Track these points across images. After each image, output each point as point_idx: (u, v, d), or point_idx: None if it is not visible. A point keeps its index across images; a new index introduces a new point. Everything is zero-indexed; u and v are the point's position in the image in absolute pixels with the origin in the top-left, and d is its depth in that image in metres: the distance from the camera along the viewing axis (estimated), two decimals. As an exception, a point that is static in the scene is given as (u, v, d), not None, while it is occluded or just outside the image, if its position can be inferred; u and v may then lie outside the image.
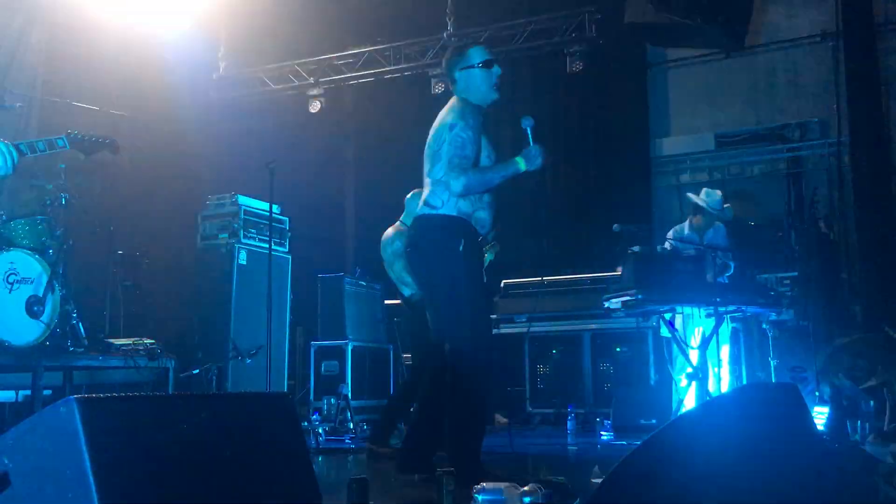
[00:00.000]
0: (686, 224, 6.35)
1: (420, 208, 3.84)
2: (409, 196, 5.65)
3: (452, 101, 3.92)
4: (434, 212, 3.74)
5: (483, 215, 3.83)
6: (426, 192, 3.85)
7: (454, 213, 3.72)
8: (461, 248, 3.66)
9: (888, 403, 5.09)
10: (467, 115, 3.76)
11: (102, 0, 7.74)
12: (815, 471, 2.13)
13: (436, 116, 4.00)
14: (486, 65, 3.93)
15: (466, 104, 3.83)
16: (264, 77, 9.77)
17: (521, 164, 3.76)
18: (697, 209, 6.22)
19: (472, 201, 3.78)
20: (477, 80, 3.92)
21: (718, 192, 6.24)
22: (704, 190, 6.31)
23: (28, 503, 1.69)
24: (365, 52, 9.32)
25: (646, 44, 8.71)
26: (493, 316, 5.32)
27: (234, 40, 9.65)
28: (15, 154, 3.26)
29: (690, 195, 6.30)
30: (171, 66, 8.33)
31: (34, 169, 5.16)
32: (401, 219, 5.60)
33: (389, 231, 5.52)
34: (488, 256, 5.74)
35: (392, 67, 9.28)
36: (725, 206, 6.26)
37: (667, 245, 6.05)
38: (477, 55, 3.94)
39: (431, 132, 3.91)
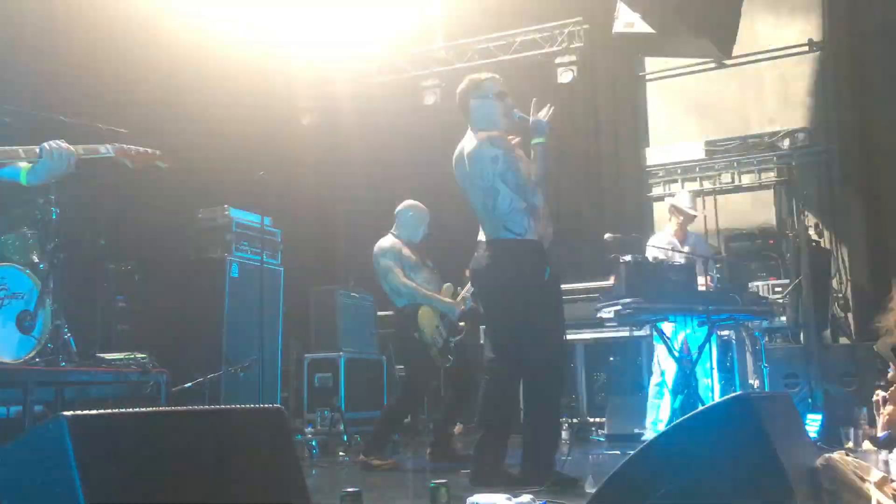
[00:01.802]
0: (665, 233, 6.38)
1: (500, 232, 4.04)
2: (400, 207, 5.66)
3: (479, 135, 4.14)
4: (519, 237, 4.02)
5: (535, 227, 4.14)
6: (501, 222, 4.04)
7: (535, 238, 4.05)
8: (546, 275, 4.02)
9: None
10: (496, 145, 4.07)
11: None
12: (810, 479, 2.14)
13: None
14: (500, 96, 4.23)
15: (489, 137, 4.10)
16: (254, 90, 9.77)
17: (539, 139, 4.09)
18: (675, 212, 6.27)
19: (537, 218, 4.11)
20: (491, 109, 4.19)
21: (688, 192, 6.31)
22: (678, 192, 6.38)
23: (18, 522, 1.68)
24: (356, 63, 9.34)
25: (635, 54, 8.76)
26: (460, 328, 5.53)
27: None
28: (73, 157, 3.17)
29: (668, 199, 6.36)
30: (159, 78, 8.30)
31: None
32: (391, 230, 5.61)
33: (381, 242, 5.52)
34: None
35: (383, 79, 9.29)
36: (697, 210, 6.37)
37: (660, 255, 6.08)
38: (492, 87, 4.25)
39: (465, 166, 4.16)
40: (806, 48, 8.12)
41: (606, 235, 6.08)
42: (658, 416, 5.95)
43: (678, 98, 8.66)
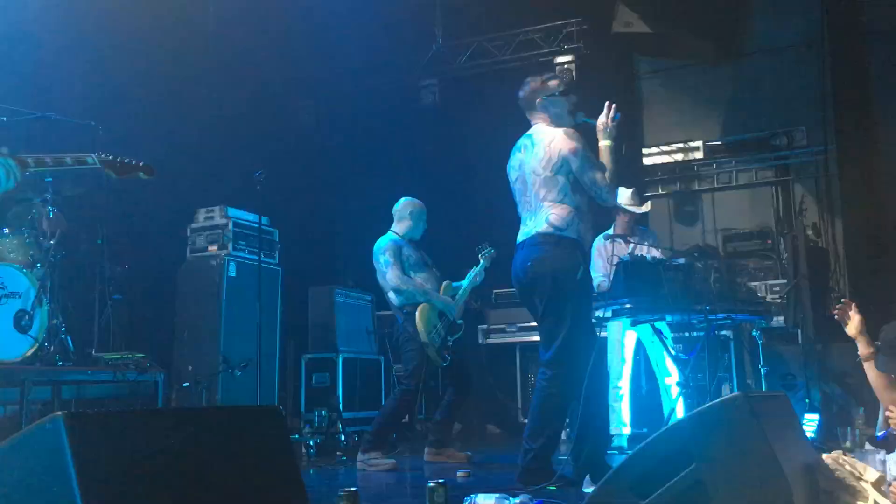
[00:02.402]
0: (612, 231, 6.26)
1: (540, 227, 4.03)
2: (398, 205, 5.66)
3: (558, 130, 4.13)
4: (561, 233, 3.99)
5: (589, 237, 4.21)
6: (545, 214, 4.03)
7: (576, 237, 4.02)
8: (579, 275, 3.96)
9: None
10: (575, 136, 4.07)
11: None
12: (808, 478, 2.14)
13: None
14: (565, 93, 4.30)
15: (566, 130, 4.11)
16: (253, 88, 9.76)
17: (609, 143, 4.15)
18: (618, 211, 6.20)
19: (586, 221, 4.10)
20: (560, 106, 4.25)
21: (628, 190, 6.25)
22: (620, 190, 6.31)
23: (14, 521, 1.67)
24: (354, 62, 9.32)
25: (633, 53, 8.76)
26: (459, 326, 5.52)
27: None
28: (16, 169, 3.12)
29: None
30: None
31: (21, 183, 5.13)
32: (392, 228, 5.60)
33: (382, 240, 5.52)
34: (483, 263, 5.74)
35: (382, 78, 9.28)
36: (644, 206, 6.32)
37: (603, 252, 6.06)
38: (558, 85, 4.33)
39: (537, 158, 4.09)
40: (805, 47, 8.13)
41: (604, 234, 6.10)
42: (621, 419, 5.93)
43: (676, 97, 8.67)
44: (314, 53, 9.45)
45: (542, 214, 4.05)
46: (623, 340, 5.95)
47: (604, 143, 4.15)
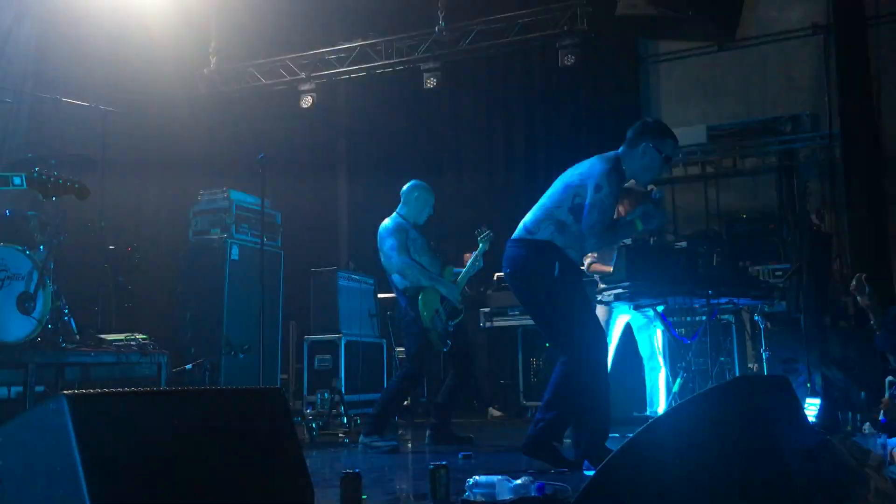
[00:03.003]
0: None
1: (519, 232, 4.12)
2: (406, 187, 5.63)
3: (612, 157, 4.11)
4: (532, 237, 4.05)
5: (574, 255, 4.10)
6: (535, 215, 4.10)
7: (548, 239, 4.01)
8: (556, 272, 3.95)
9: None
10: (613, 182, 3.98)
11: (92, -5, 7.69)
12: (808, 462, 2.14)
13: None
14: (667, 160, 4.15)
15: (618, 168, 4.04)
16: (255, 72, 9.73)
17: (638, 224, 4.04)
18: (626, 193, 6.18)
19: (568, 240, 4.04)
20: (648, 161, 4.07)
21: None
22: None
23: (19, 499, 1.68)
24: (356, 46, 9.28)
25: (638, 37, 8.71)
26: (459, 311, 5.51)
27: (225, 34, 9.59)
28: None
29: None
30: (162, 60, 8.29)
31: (24, 165, 5.12)
32: (398, 210, 5.58)
33: (387, 222, 5.50)
34: (482, 246, 5.73)
35: (384, 62, 9.25)
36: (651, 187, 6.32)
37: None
38: (669, 148, 4.12)
39: (579, 171, 4.12)
40: (810, 31, 8.07)
41: None
42: None
43: (681, 81, 8.63)
44: (314, 38, 9.42)
45: (529, 218, 4.12)
46: (613, 323, 5.97)
47: (634, 220, 4.10)
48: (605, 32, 8.38)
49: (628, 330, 6.05)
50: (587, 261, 6.11)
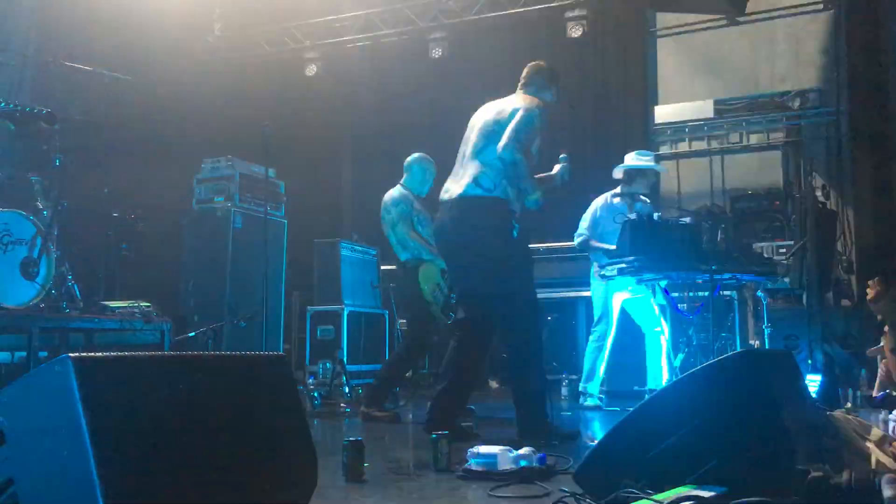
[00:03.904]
0: (611, 195, 6.26)
1: (468, 187, 4.06)
2: (410, 159, 5.61)
3: (528, 97, 4.21)
4: (488, 194, 4.00)
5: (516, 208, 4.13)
6: (473, 171, 4.07)
7: (503, 197, 4.00)
8: (515, 233, 3.98)
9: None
10: (541, 110, 4.12)
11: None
12: (812, 436, 2.14)
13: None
14: (557, 94, 4.42)
15: (541, 102, 4.19)
16: (260, 40, 9.65)
17: (535, 197, 4.09)
18: (636, 174, 6.18)
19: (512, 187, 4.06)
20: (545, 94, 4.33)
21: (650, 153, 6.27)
22: (632, 154, 6.30)
23: (24, 460, 1.69)
24: (362, 14, 9.20)
25: (646, 9, 8.61)
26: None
27: (229, 1, 9.51)
28: None
29: (626, 164, 6.25)
30: (166, 27, 8.22)
31: (29, 129, 5.10)
32: (402, 181, 5.56)
33: (392, 192, 5.48)
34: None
35: (389, 31, 9.16)
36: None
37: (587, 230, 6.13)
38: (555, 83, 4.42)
39: (492, 116, 4.16)
40: (820, 6, 7.98)
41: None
42: (598, 376, 5.99)
43: (689, 55, 8.54)
44: (321, 6, 9.32)
45: (471, 172, 4.06)
46: (610, 301, 5.97)
47: (546, 176, 4.34)
48: (614, 4, 8.29)
49: (625, 308, 6.07)
50: (582, 238, 6.12)
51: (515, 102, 4.17)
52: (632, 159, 6.25)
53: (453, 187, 4.16)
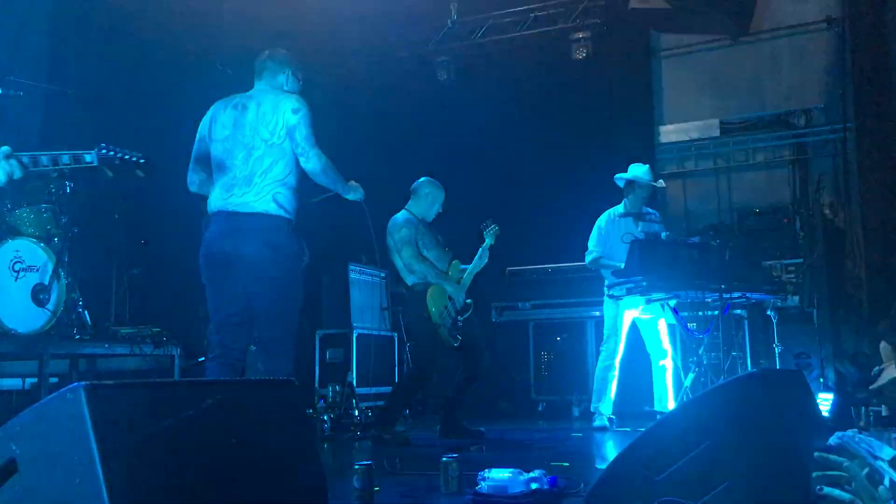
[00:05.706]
0: (614, 211, 6.25)
1: (270, 205, 3.82)
2: (417, 183, 5.64)
3: (285, 95, 4.05)
4: (288, 216, 3.86)
5: None
6: (273, 190, 3.85)
7: (294, 219, 3.89)
8: (306, 260, 4.04)
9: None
10: (305, 102, 3.98)
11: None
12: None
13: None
14: (296, 73, 4.23)
15: (300, 96, 4.06)
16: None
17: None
18: (632, 186, 6.18)
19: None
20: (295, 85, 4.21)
21: (644, 166, 6.27)
22: (631, 165, 6.31)
23: (36, 488, 1.70)
24: (369, 38, 9.26)
25: (651, 30, 8.67)
26: (468, 305, 5.49)
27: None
28: (17, 169, 3.05)
29: (626, 175, 6.25)
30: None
31: (19, 181, 5.13)
32: (407, 206, 5.58)
33: (398, 217, 5.51)
34: (488, 241, 5.71)
35: (396, 54, 9.23)
36: (659, 181, 6.33)
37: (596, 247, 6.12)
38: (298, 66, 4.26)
39: (264, 121, 3.92)
40: (824, 24, 8.02)
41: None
42: (608, 397, 5.97)
43: (693, 75, 8.58)
44: (327, 29, 9.40)
45: (265, 189, 3.82)
46: (620, 319, 5.96)
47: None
48: (618, 26, 8.34)
49: (636, 325, 6.05)
50: (593, 256, 6.11)
51: (268, 105, 4.06)
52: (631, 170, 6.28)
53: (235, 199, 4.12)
